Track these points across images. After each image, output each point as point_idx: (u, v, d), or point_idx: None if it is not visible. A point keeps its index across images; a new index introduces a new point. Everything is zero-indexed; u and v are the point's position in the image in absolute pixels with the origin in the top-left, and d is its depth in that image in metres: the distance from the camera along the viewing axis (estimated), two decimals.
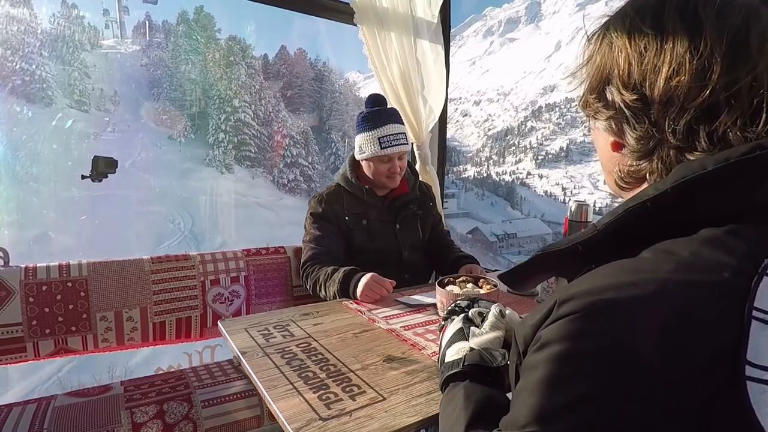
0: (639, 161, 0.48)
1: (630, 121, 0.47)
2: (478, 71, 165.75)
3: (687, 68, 0.42)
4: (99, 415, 1.22)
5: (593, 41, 0.52)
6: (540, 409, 0.38)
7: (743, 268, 0.37)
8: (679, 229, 0.41)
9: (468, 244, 53.74)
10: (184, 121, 45.43)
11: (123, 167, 36.65)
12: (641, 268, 0.40)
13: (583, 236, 0.46)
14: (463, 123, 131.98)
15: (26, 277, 1.34)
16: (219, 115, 43.53)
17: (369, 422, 0.72)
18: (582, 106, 0.54)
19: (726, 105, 0.41)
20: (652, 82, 0.44)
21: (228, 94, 43.61)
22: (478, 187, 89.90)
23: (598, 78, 0.50)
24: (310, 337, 1.05)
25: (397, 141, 1.57)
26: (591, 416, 0.36)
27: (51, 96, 39.12)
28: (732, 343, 0.35)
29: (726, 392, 0.34)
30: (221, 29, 51.16)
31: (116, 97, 45.29)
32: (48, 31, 45.01)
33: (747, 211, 0.40)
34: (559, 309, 0.40)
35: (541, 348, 0.40)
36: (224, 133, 42.40)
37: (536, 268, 0.53)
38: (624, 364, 0.36)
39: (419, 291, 1.43)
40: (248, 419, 1.34)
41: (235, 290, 1.63)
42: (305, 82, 57.64)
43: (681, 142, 0.43)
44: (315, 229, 1.58)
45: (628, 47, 0.46)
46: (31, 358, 1.36)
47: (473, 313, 0.77)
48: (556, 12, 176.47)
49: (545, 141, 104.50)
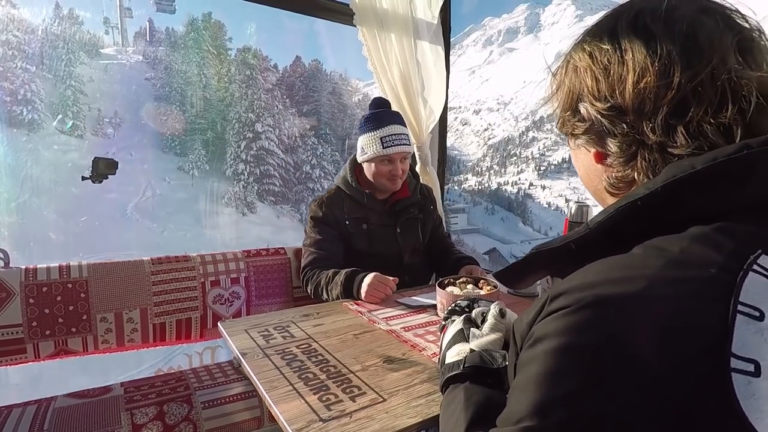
0: (625, 166, 0.50)
1: (608, 130, 0.50)
2: (478, 80, 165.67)
3: (650, 70, 0.45)
4: (99, 416, 1.22)
5: (558, 72, 0.56)
6: (533, 403, 0.38)
7: (730, 264, 0.38)
8: (669, 227, 0.42)
9: (486, 266, 51.19)
10: (197, 148, 37.88)
11: (124, 213, 31.77)
12: (632, 264, 0.41)
13: (576, 235, 0.48)
14: (463, 132, 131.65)
15: (26, 279, 1.34)
16: (239, 142, 36.25)
17: (369, 423, 0.72)
18: (560, 126, 0.57)
19: (694, 97, 0.44)
20: (621, 91, 0.47)
21: (249, 118, 36.30)
22: (486, 201, 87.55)
23: (570, 99, 0.53)
24: (311, 338, 1.05)
25: (399, 141, 1.56)
26: (584, 410, 0.36)
27: (37, 120, 31.04)
28: (718, 336, 0.36)
29: (712, 384, 0.35)
30: (232, 38, 45.34)
31: (116, 119, 37.72)
32: (37, 39, 37.37)
33: (735, 209, 0.42)
34: (550, 304, 0.42)
35: (534, 344, 0.41)
36: (245, 163, 35.71)
37: (530, 267, 0.54)
38: (615, 358, 0.36)
39: (419, 292, 1.43)
40: (248, 420, 1.34)
41: (236, 291, 1.63)
42: (322, 96, 50.23)
43: (661, 138, 0.45)
44: (315, 233, 1.58)
45: (593, 66, 0.50)
46: (32, 360, 1.36)
47: (476, 313, 0.77)
48: (555, 23, 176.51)
49: (547, 151, 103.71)
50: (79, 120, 34.72)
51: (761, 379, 0.35)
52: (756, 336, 0.36)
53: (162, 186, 34.70)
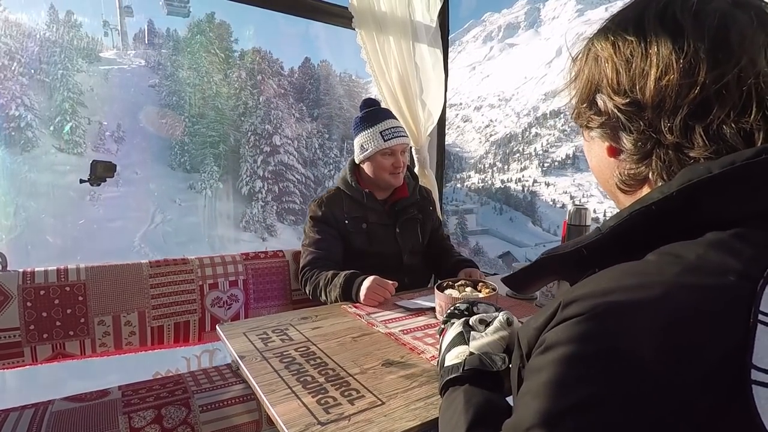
0: (638, 164, 0.48)
1: (625, 125, 0.48)
2: (478, 77, 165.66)
3: (675, 67, 0.43)
4: (97, 419, 1.22)
5: (578, 59, 0.53)
6: (544, 411, 0.37)
7: (749, 271, 0.37)
8: (684, 233, 0.41)
9: (500, 272, 49.16)
10: (210, 164, 33.43)
11: (131, 245, 27.97)
12: (647, 271, 0.40)
13: (587, 240, 0.46)
14: (464, 129, 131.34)
15: (24, 282, 1.33)
16: (254, 156, 32.82)
17: (368, 426, 0.71)
18: (575, 117, 0.55)
19: (717, 99, 0.42)
20: (642, 86, 0.45)
21: (266, 130, 32.41)
22: (494, 200, 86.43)
23: (588, 89, 0.51)
24: (309, 341, 1.05)
25: (399, 133, 1.60)
26: (596, 419, 0.35)
27: (32, 138, 27.30)
28: (737, 347, 0.34)
29: (731, 396, 0.34)
30: (238, 39, 40.67)
31: (119, 132, 33.48)
32: (32, 47, 32.43)
33: (753, 214, 0.40)
34: (563, 311, 0.40)
35: (546, 351, 0.40)
36: (262, 180, 32.15)
37: (540, 272, 0.53)
38: (629, 366, 0.35)
39: (418, 295, 1.43)
40: (247, 423, 1.33)
41: (234, 294, 1.62)
42: (333, 100, 46.05)
43: (678, 139, 0.44)
44: (314, 233, 1.58)
45: (614, 57, 0.48)
46: (29, 363, 1.35)
47: (474, 321, 0.76)
48: (555, 17, 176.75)
49: (550, 148, 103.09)
50: (78, 136, 29.97)
51: None
52: None
53: (172, 209, 31.41)
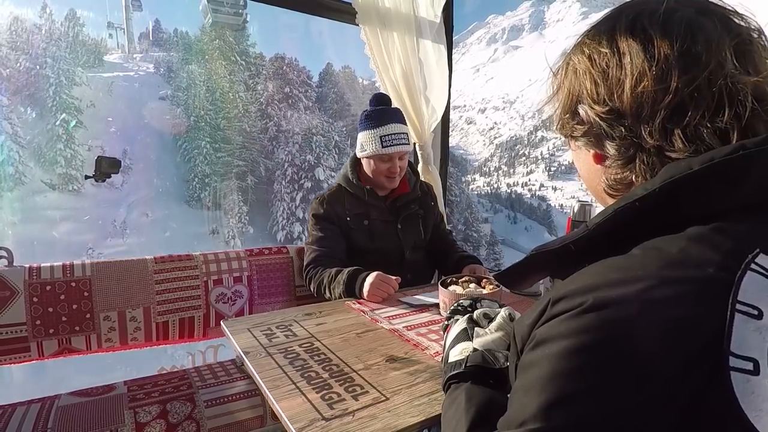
0: (623, 168, 0.50)
1: (607, 133, 0.50)
2: (482, 79, 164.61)
3: (648, 75, 0.46)
4: (103, 414, 1.23)
5: (558, 74, 0.56)
6: (536, 406, 0.39)
7: (728, 263, 0.39)
8: (667, 228, 0.43)
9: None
10: (235, 199, 26.18)
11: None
12: (631, 265, 0.41)
13: (575, 236, 0.48)
14: (468, 131, 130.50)
15: (30, 277, 1.34)
16: (292, 194, 25.92)
17: (372, 422, 0.72)
18: (559, 128, 0.57)
19: (691, 102, 0.44)
20: (619, 94, 0.48)
21: (308, 161, 25.69)
22: (507, 209, 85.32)
23: (570, 101, 0.54)
24: (313, 337, 1.05)
25: (398, 141, 1.57)
26: (587, 412, 0.37)
27: (21, 173, 22.41)
28: (716, 335, 0.36)
29: (711, 383, 0.36)
30: (256, 43, 34.11)
31: (127, 159, 26.34)
32: (21, 57, 25.62)
33: (732, 209, 0.42)
34: (552, 308, 0.42)
35: (536, 347, 0.42)
36: (302, 224, 24.73)
37: (530, 268, 0.55)
38: (617, 360, 0.37)
39: (422, 291, 1.43)
40: (251, 419, 1.34)
41: (238, 290, 1.63)
42: (358, 109, 40.24)
43: (659, 142, 0.46)
44: (317, 231, 1.58)
45: (591, 69, 0.51)
46: (35, 358, 1.36)
47: (478, 314, 0.76)
48: (560, 20, 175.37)
49: (557, 152, 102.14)
50: (73, 168, 24.11)
51: (760, 378, 0.36)
52: (755, 334, 0.36)
53: None
